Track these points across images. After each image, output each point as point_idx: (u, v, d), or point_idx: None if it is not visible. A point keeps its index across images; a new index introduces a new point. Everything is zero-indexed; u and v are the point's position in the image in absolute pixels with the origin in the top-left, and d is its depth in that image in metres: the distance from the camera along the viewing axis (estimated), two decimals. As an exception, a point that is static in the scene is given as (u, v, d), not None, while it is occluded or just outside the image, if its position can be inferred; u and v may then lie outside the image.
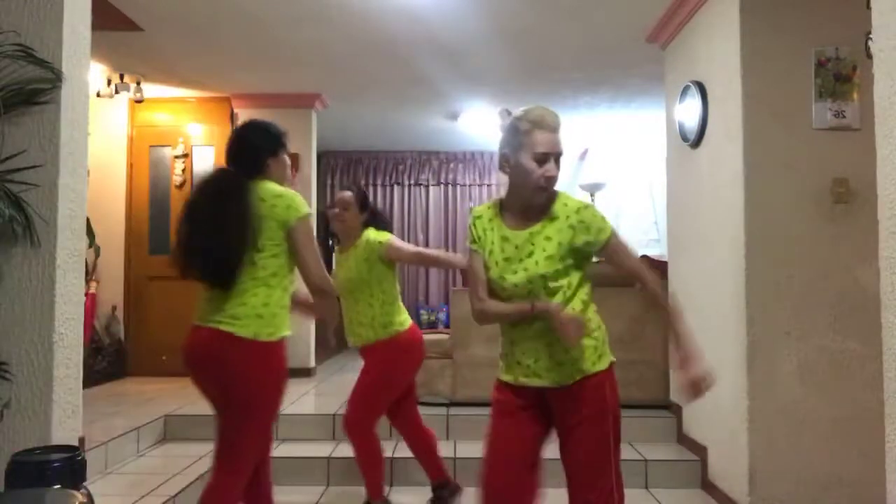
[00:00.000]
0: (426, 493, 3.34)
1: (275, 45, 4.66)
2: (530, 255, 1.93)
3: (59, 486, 2.02)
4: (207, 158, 6.01)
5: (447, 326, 6.00)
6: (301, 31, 4.38)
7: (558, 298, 1.92)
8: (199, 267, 2.26)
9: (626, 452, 3.81)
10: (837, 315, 3.06)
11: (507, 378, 2.05)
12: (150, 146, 5.99)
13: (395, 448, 3.86)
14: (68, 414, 2.57)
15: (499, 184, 8.50)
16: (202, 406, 4.42)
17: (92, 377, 5.02)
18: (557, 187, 2.00)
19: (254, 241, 2.16)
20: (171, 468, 3.49)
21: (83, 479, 2.15)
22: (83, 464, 2.15)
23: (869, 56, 2.54)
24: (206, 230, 2.21)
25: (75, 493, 1.94)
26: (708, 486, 3.54)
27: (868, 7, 1.72)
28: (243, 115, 5.98)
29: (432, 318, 8.20)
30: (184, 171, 5.96)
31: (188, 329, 2.28)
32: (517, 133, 1.93)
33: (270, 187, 2.24)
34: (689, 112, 3.76)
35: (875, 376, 2.57)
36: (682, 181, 4.02)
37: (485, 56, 4.85)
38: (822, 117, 3.10)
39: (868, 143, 1.83)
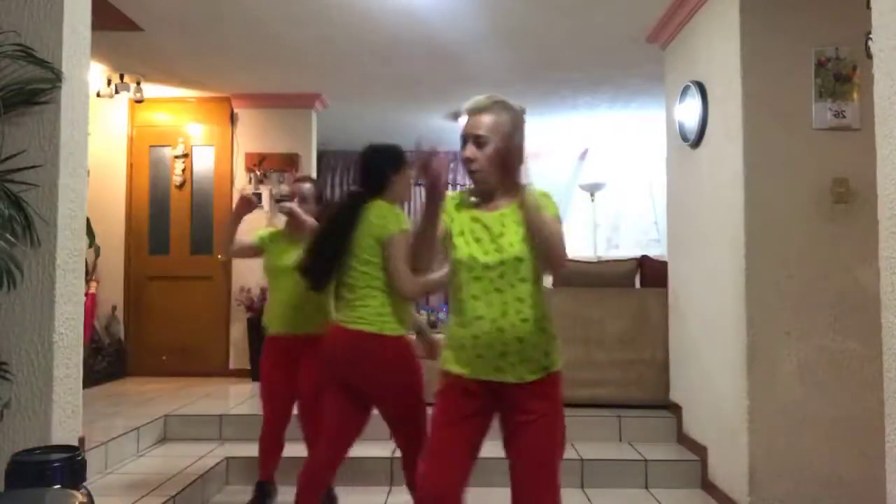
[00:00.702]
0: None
1: (275, 45, 4.66)
2: (501, 235, 1.93)
3: (59, 486, 2.02)
4: (207, 158, 6.02)
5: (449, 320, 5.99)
6: (301, 31, 4.38)
7: (527, 285, 1.91)
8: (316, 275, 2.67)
9: (627, 452, 3.82)
10: (837, 315, 3.06)
11: (461, 371, 1.95)
12: (150, 146, 5.99)
13: (395, 448, 3.86)
14: (68, 414, 2.57)
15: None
16: (202, 406, 4.47)
17: (92, 377, 5.02)
18: (557, 186, 2.00)
19: (357, 253, 2.55)
20: (171, 468, 3.49)
21: (83, 479, 2.15)
22: (83, 464, 2.15)
23: (869, 56, 2.54)
24: (326, 245, 2.64)
25: (75, 493, 1.93)
26: (708, 486, 3.54)
27: (868, 7, 1.72)
28: (243, 115, 6.00)
29: (432, 318, 8.18)
30: (184, 171, 5.96)
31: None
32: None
33: (378, 209, 2.58)
34: (689, 112, 3.76)
35: (875, 376, 2.57)
36: (682, 181, 4.02)
37: (485, 56, 4.85)
38: (822, 117, 3.10)
39: (868, 143, 1.83)
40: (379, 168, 2.68)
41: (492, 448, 2.04)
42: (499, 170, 1.98)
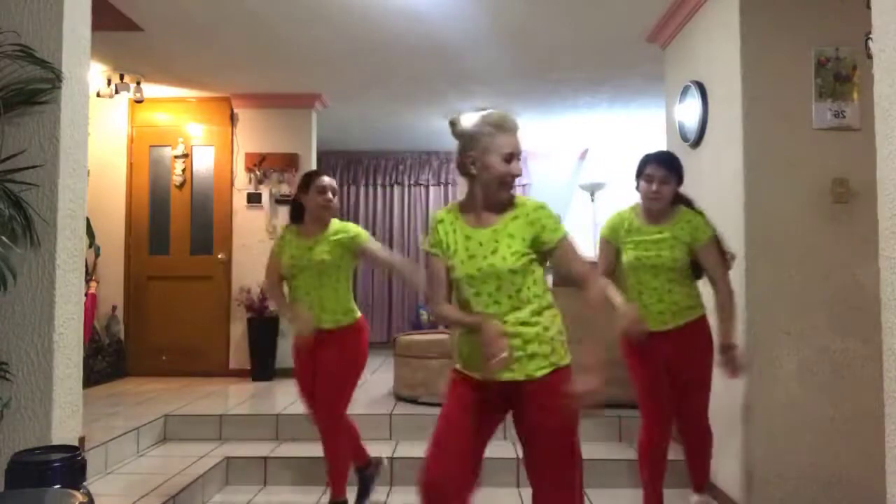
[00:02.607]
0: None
1: (275, 45, 4.66)
2: (495, 251, 1.99)
3: (59, 486, 2.02)
4: (207, 158, 6.02)
5: (447, 326, 6.00)
6: (301, 31, 4.38)
7: (523, 294, 1.99)
8: None
9: (626, 452, 3.82)
10: (837, 315, 3.06)
11: (470, 373, 2.05)
12: (150, 146, 5.99)
13: (395, 448, 3.87)
14: (68, 414, 2.57)
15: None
16: (202, 406, 4.47)
17: (92, 377, 5.02)
18: (557, 186, 2.03)
19: None
20: (171, 468, 3.49)
21: (83, 479, 2.15)
22: (83, 464, 2.16)
23: (869, 56, 2.54)
24: None
25: (75, 493, 1.93)
26: (708, 486, 3.53)
27: (868, 7, 1.72)
28: (243, 115, 6.00)
29: (432, 318, 8.19)
30: (184, 171, 5.97)
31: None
32: (483, 137, 2.03)
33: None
34: (689, 112, 3.76)
35: (875, 376, 2.57)
36: (682, 180, 4.01)
37: (485, 56, 4.85)
38: (822, 117, 3.10)
39: (868, 143, 1.83)
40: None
41: (496, 448, 2.05)
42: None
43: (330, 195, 3.07)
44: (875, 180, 1.68)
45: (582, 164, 8.24)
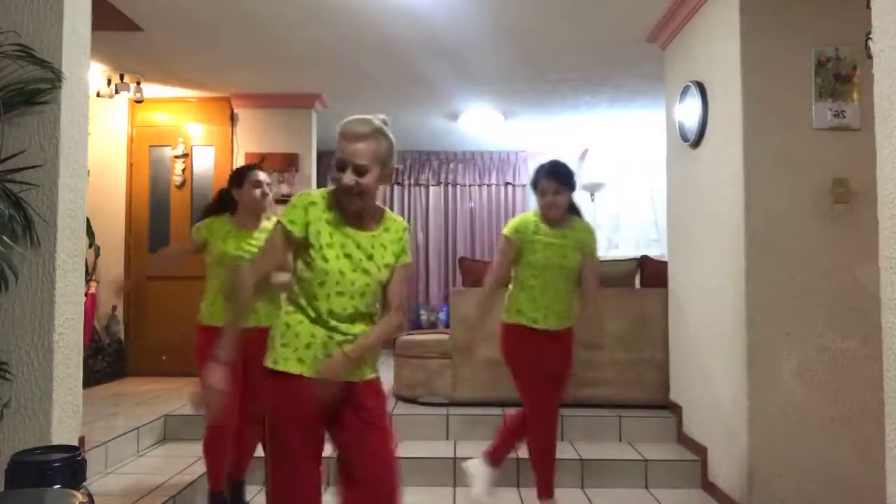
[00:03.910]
0: (429, 491, 3.34)
1: (275, 45, 4.66)
2: (370, 258, 1.98)
3: (59, 486, 2.02)
4: (207, 158, 6.01)
5: (447, 326, 6.00)
6: (301, 31, 4.38)
7: (375, 308, 2.02)
8: None
9: (627, 452, 3.82)
10: (837, 315, 3.06)
11: (299, 369, 1.93)
12: (150, 146, 5.99)
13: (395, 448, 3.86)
14: (68, 414, 2.57)
15: (498, 184, 8.50)
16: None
17: (92, 377, 5.02)
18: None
19: None
20: (171, 468, 3.49)
21: (83, 479, 2.15)
22: (83, 464, 2.15)
23: (869, 56, 2.54)
24: None
25: (75, 493, 1.93)
26: (708, 486, 3.54)
27: (868, 7, 1.72)
28: (243, 115, 6.00)
29: (432, 317, 8.20)
30: (184, 171, 5.96)
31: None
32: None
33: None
34: (689, 112, 3.76)
35: (875, 376, 2.57)
36: (682, 181, 4.02)
37: (485, 56, 4.85)
38: (822, 117, 3.10)
39: (868, 143, 1.83)
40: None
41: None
42: (373, 195, 1.99)
43: (266, 189, 3.11)
44: (875, 180, 1.68)
45: (582, 164, 8.24)
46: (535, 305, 2.98)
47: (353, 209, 1.97)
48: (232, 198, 3.13)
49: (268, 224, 3.12)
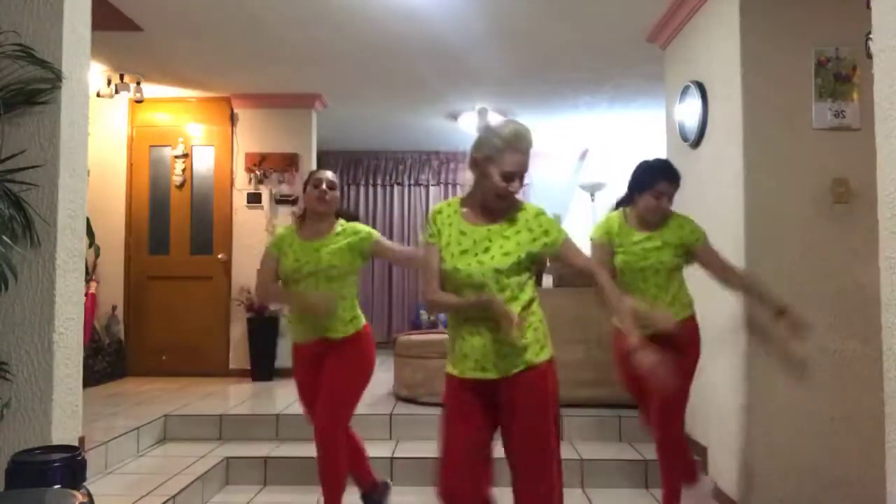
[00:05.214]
0: (430, 491, 3.33)
1: (275, 45, 4.66)
2: (486, 250, 2.05)
3: (59, 486, 2.02)
4: (207, 158, 6.02)
5: (447, 326, 6.00)
6: (301, 31, 4.38)
7: (506, 294, 2.03)
8: None
9: (626, 452, 3.82)
10: (837, 315, 3.06)
11: (454, 371, 2.12)
12: (150, 146, 5.99)
13: (395, 448, 3.87)
14: (68, 414, 2.57)
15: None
16: (202, 406, 4.47)
17: (92, 377, 5.02)
18: (557, 186, 2.04)
19: None
20: (171, 468, 3.49)
21: (83, 479, 2.15)
22: (83, 464, 2.15)
23: (869, 56, 2.54)
24: None
25: (75, 493, 1.93)
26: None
27: (868, 7, 1.72)
28: (243, 115, 6.00)
29: (432, 317, 8.19)
30: (184, 171, 5.97)
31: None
32: (490, 146, 2.05)
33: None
34: (689, 112, 3.76)
35: (875, 376, 2.57)
36: (682, 181, 4.01)
37: (485, 56, 4.85)
38: (822, 117, 3.10)
39: (868, 143, 1.83)
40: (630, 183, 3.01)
41: (497, 449, 2.09)
42: None
43: (325, 188, 2.87)
44: (875, 180, 1.68)
45: (582, 164, 8.24)
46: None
47: (499, 207, 2.09)
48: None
49: (337, 229, 2.90)
